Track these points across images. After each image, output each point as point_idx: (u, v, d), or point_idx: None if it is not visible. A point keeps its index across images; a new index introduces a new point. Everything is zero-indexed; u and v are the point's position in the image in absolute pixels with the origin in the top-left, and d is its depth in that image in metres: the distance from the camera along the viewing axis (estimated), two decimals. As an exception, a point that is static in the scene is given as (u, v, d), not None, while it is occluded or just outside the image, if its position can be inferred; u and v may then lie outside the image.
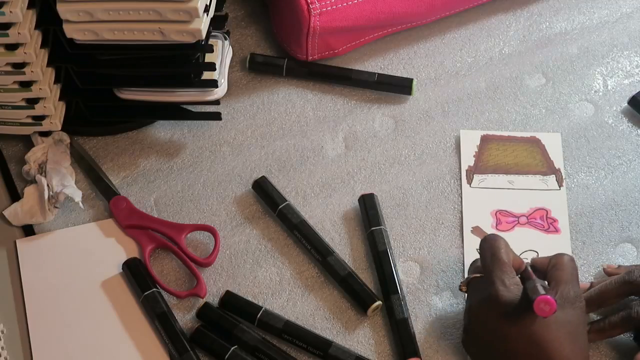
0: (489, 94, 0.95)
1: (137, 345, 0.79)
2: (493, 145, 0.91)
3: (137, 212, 0.86)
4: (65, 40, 0.81)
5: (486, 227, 0.86)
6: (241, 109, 0.94)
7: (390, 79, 0.95)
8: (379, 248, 0.83)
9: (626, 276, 0.77)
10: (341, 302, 0.82)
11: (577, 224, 0.86)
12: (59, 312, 0.81)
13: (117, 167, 0.90)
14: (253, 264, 0.84)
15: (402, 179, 0.89)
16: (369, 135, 0.93)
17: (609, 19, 1.01)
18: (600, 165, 0.90)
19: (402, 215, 0.87)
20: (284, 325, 0.79)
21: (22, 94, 0.83)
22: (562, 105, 0.95)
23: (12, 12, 0.76)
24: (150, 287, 0.81)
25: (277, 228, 0.86)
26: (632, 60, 0.98)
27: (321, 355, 0.78)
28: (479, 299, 0.73)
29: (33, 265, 0.83)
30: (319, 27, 0.91)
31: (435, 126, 0.93)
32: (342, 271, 0.82)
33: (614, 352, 0.79)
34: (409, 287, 0.83)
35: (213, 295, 0.82)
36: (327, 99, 0.95)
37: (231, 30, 0.98)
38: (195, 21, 0.78)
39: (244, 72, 0.97)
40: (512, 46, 0.99)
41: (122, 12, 0.77)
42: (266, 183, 0.87)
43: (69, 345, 0.79)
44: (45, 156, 0.88)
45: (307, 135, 0.93)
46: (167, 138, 0.92)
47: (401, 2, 0.94)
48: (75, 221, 0.86)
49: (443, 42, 0.99)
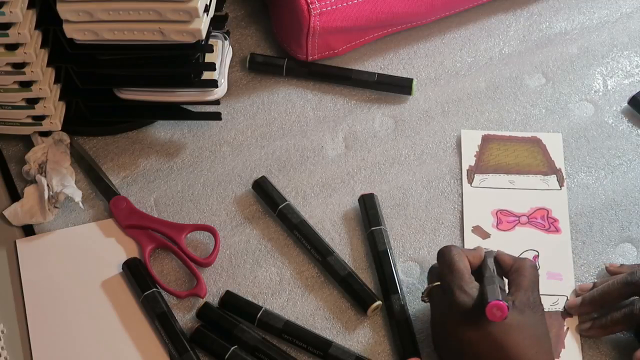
0: (489, 94, 0.95)
1: (137, 345, 0.79)
2: (494, 145, 0.91)
3: (137, 212, 0.86)
4: (65, 40, 0.81)
5: (487, 227, 0.86)
6: (241, 109, 0.94)
7: (390, 79, 0.95)
8: (379, 248, 0.83)
9: (628, 277, 0.77)
10: (341, 302, 0.82)
11: (577, 223, 0.86)
12: (59, 312, 0.81)
13: (117, 167, 0.90)
14: (253, 264, 0.84)
15: (402, 179, 0.89)
16: (369, 135, 0.92)
17: (609, 19, 1.01)
18: (600, 165, 0.90)
19: (402, 215, 0.87)
20: (284, 325, 0.79)
21: (22, 94, 0.83)
22: (562, 105, 0.95)
23: (12, 12, 0.76)
24: (150, 287, 0.81)
25: (277, 228, 0.86)
26: (632, 60, 0.98)
27: (321, 355, 0.78)
28: (441, 307, 0.74)
29: (33, 265, 0.83)
30: (319, 27, 0.91)
31: (435, 126, 0.93)
32: (342, 271, 0.82)
33: (615, 351, 0.79)
34: (409, 287, 0.83)
35: (213, 295, 0.82)
36: (327, 99, 0.95)
37: (231, 30, 0.98)
38: (195, 21, 0.78)
39: (244, 72, 0.97)
40: (512, 46, 0.99)
41: (122, 12, 0.77)
42: (266, 183, 0.87)
43: (69, 345, 0.79)
44: (45, 156, 0.88)
45: (307, 135, 0.93)
46: (167, 138, 0.92)
47: (401, 2, 0.94)
48: (75, 221, 0.86)
49: (443, 42, 0.99)
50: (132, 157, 0.91)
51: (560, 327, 0.80)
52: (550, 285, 0.82)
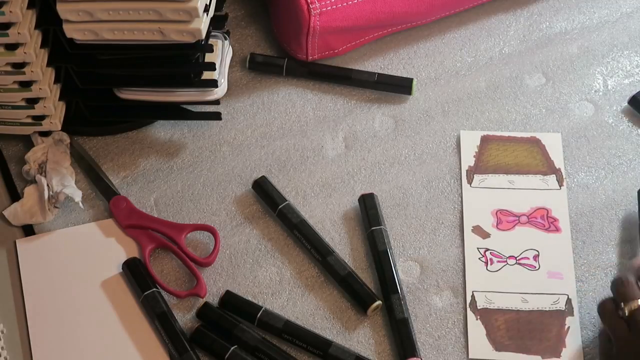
0: (489, 93, 0.95)
1: (137, 345, 0.79)
2: (493, 146, 0.91)
3: (137, 212, 0.86)
4: (65, 40, 0.81)
5: (487, 227, 0.86)
6: (241, 109, 0.94)
7: (390, 79, 0.95)
8: (379, 248, 0.83)
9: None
10: (341, 302, 0.82)
11: (577, 223, 0.86)
12: (59, 312, 0.81)
13: (117, 167, 0.90)
14: (253, 264, 0.84)
15: (402, 178, 0.89)
16: (369, 135, 0.93)
17: (609, 19, 1.01)
18: (600, 165, 0.90)
19: (402, 215, 0.87)
20: (284, 325, 0.79)
21: (22, 94, 0.83)
22: (562, 105, 0.95)
23: (12, 12, 0.76)
24: (150, 287, 0.81)
25: (277, 228, 0.86)
26: (632, 60, 0.98)
27: (321, 355, 0.78)
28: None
29: (33, 265, 0.83)
30: (319, 27, 0.91)
31: (435, 126, 0.93)
32: (342, 271, 0.82)
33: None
34: (409, 287, 0.83)
35: (213, 295, 0.82)
36: (327, 99, 0.95)
37: (231, 30, 0.98)
38: (195, 21, 0.78)
39: (244, 72, 0.97)
40: (512, 46, 0.99)
41: (122, 12, 0.77)
42: (266, 183, 0.87)
43: (69, 345, 0.79)
44: (45, 156, 0.88)
45: (307, 135, 0.93)
46: (167, 138, 0.92)
47: (401, 2, 0.94)
48: (75, 221, 0.86)
49: (443, 42, 0.99)
50: (132, 157, 0.91)
51: (562, 326, 0.80)
52: (550, 285, 0.82)
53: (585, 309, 0.81)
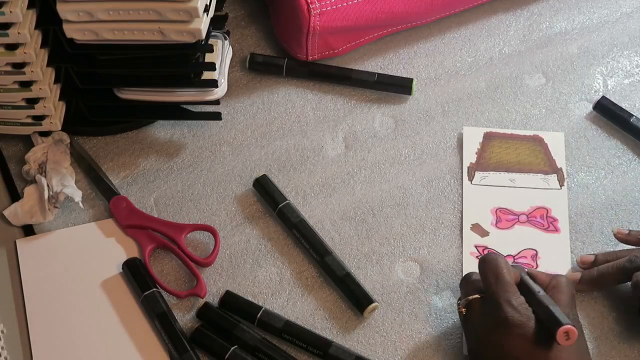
0: (489, 93, 0.95)
1: (137, 345, 0.79)
2: (496, 143, 0.91)
3: (137, 212, 0.86)
4: (65, 40, 0.81)
5: (486, 225, 0.86)
6: (241, 109, 0.94)
7: (390, 79, 0.95)
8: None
9: (627, 264, 0.78)
10: (341, 302, 0.82)
11: (577, 223, 0.86)
12: (59, 312, 0.81)
13: (117, 167, 0.90)
14: (253, 264, 0.84)
15: (402, 178, 0.89)
16: (369, 135, 0.93)
17: (609, 19, 1.01)
18: (600, 165, 0.90)
19: (402, 215, 0.87)
20: (284, 325, 0.79)
21: (22, 94, 0.83)
22: (562, 104, 0.95)
23: (12, 12, 0.76)
24: (150, 287, 0.81)
25: (277, 228, 0.86)
26: (632, 60, 0.98)
27: (321, 355, 0.78)
28: (486, 321, 0.72)
29: (33, 265, 0.83)
30: (319, 27, 0.91)
31: (436, 126, 0.93)
32: (340, 271, 0.82)
33: (613, 350, 0.79)
34: (409, 287, 0.83)
35: (213, 295, 0.82)
36: (327, 99, 0.95)
37: (231, 30, 0.98)
38: (195, 21, 0.78)
39: (244, 72, 0.97)
40: (512, 46, 0.99)
41: (122, 12, 0.77)
42: (267, 181, 0.87)
43: (69, 345, 0.79)
44: (45, 156, 0.88)
45: (307, 135, 0.93)
46: (167, 138, 0.92)
47: (401, 2, 0.94)
48: (75, 221, 0.86)
49: (443, 42, 0.99)
50: (132, 157, 0.91)
51: (561, 326, 0.80)
52: (550, 285, 0.82)
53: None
